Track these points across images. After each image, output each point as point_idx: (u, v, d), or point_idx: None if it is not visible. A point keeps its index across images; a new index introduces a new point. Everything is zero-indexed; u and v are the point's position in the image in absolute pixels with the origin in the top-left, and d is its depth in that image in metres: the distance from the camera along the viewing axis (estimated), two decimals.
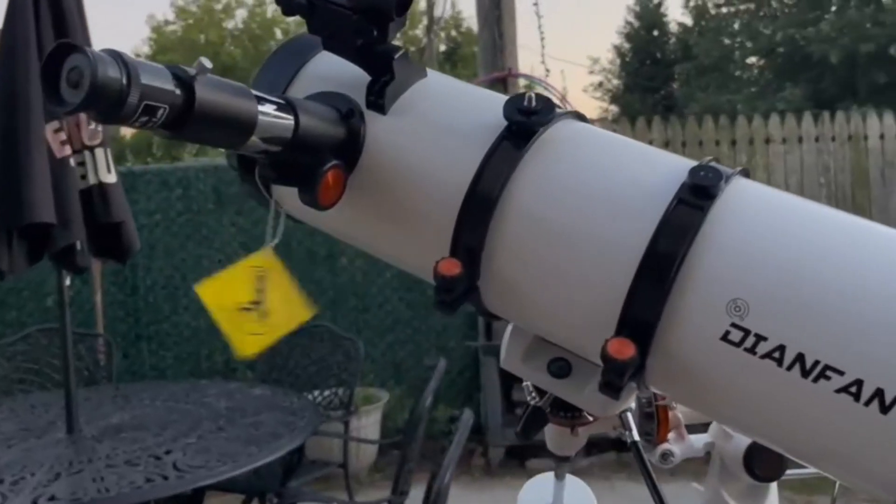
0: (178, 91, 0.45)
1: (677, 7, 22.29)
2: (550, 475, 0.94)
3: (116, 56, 0.44)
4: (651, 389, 0.61)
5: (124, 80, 0.43)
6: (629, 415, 0.77)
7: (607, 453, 4.37)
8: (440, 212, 0.58)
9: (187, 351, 5.07)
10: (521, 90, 5.71)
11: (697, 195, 0.54)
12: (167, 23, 23.00)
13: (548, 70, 5.42)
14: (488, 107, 0.60)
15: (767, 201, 0.58)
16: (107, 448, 2.67)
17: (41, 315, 4.79)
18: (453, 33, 21.00)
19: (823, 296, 0.51)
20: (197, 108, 0.46)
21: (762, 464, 0.84)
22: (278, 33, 23.20)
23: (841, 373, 0.48)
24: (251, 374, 4.61)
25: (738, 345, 0.51)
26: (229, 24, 22.93)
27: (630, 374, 0.55)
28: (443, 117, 0.62)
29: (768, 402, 0.52)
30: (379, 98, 0.60)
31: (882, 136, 5.15)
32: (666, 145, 5.12)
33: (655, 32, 20.97)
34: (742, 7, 17.20)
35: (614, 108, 22.09)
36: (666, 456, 0.88)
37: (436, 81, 0.65)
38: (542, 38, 5.23)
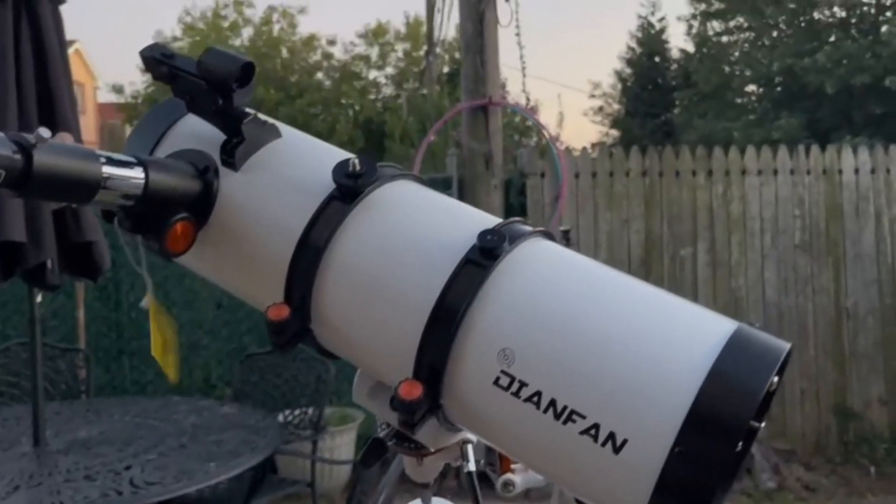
0: (17, 156, 0.53)
1: (679, 34, 22.49)
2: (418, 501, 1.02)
3: None
4: (456, 425, 0.70)
5: None
6: (470, 446, 0.85)
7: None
8: (277, 260, 0.67)
9: None
10: (503, 117, 5.81)
11: (484, 256, 0.63)
12: (175, 39, 23.25)
13: (528, 99, 5.50)
14: (331, 165, 0.68)
15: (547, 263, 0.67)
16: (69, 462, 2.74)
17: (24, 329, 4.86)
18: (456, 55, 21.22)
19: (573, 350, 0.59)
20: (35, 172, 0.54)
21: None
22: (284, 52, 23.45)
23: (583, 417, 0.56)
24: (228, 391, 4.68)
25: (506, 389, 0.60)
26: (236, 42, 23.17)
27: (422, 412, 0.64)
28: (287, 176, 0.70)
29: (534, 439, 0.60)
30: (230, 157, 0.69)
31: (856, 171, 5.22)
32: (643, 175, 5.21)
33: (657, 59, 21.11)
34: (742, 36, 17.33)
35: (614, 133, 22.22)
36: (507, 485, 0.96)
37: (289, 141, 0.74)
38: (524, 67, 5.33)
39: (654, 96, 20.45)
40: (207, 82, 0.67)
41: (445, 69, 18.10)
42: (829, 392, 5.13)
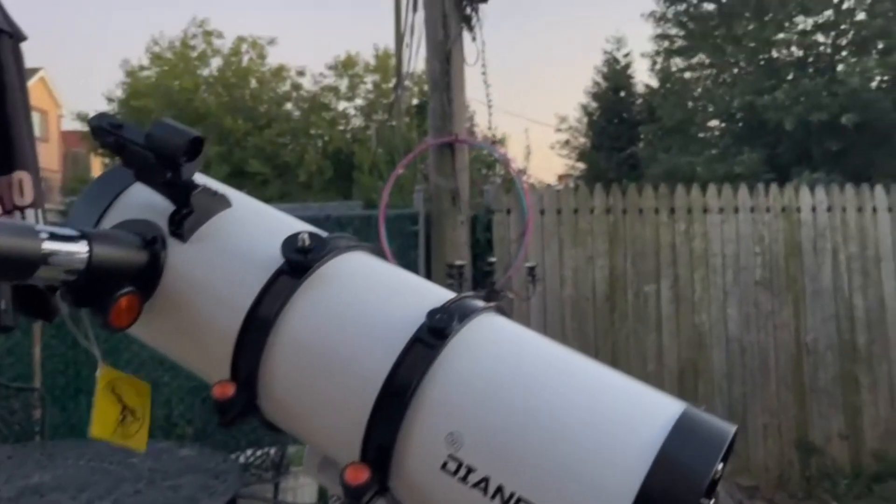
0: None
1: (644, 69, 23.07)
2: None
3: None
4: None
5: None
6: None
7: None
8: (223, 335, 0.65)
9: None
10: (470, 151, 5.86)
11: (433, 335, 0.62)
12: (142, 68, 23.12)
13: (494, 136, 5.55)
14: (281, 237, 0.68)
15: (497, 343, 0.66)
16: None
17: None
18: (426, 87, 21.43)
19: (521, 435, 0.59)
20: None
21: None
22: (253, 82, 23.44)
23: None
24: (189, 430, 4.58)
25: (453, 474, 0.59)
26: (204, 72, 23.11)
27: (369, 496, 0.62)
28: (235, 249, 0.69)
29: None
30: (178, 227, 0.68)
31: (814, 209, 5.36)
32: (607, 212, 5.28)
33: (622, 93, 21.53)
34: (704, 73, 17.77)
35: (581, 165, 22.54)
36: None
37: (240, 211, 0.73)
38: (490, 105, 5.39)
39: (620, 130, 20.82)
40: (155, 155, 0.66)
41: (415, 101, 18.25)
42: (790, 427, 5.19)
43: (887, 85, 13.67)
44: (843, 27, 15.22)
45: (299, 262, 0.66)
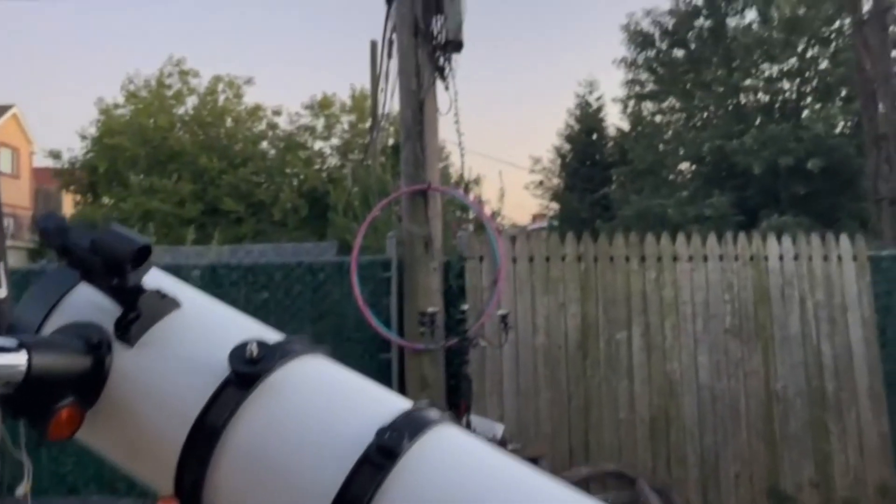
0: None
1: (616, 113, 23.52)
2: None
3: None
4: None
5: None
6: None
7: None
8: (169, 445, 0.63)
9: (90, 456, 4.88)
10: (443, 198, 5.89)
11: (382, 454, 0.61)
12: (117, 106, 23.05)
13: (467, 183, 5.59)
14: (231, 342, 0.66)
15: (448, 462, 0.65)
16: None
17: None
18: None
19: None
20: None
21: None
22: (228, 121, 23.47)
23: None
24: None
25: None
26: (180, 110, 23.11)
27: None
28: (183, 354, 0.68)
29: None
30: (125, 332, 0.66)
31: (781, 258, 5.44)
32: (579, 260, 5.32)
33: (594, 136, 21.90)
34: (674, 117, 18.16)
35: (554, 206, 22.77)
36: None
37: (190, 313, 0.71)
38: (463, 154, 5.44)
39: (592, 172, 21.12)
40: (102, 261, 0.65)
41: (391, 141, 18.40)
42: (762, 475, 5.19)
43: (850, 131, 14.06)
44: (807, 74, 15.69)
45: (247, 373, 0.65)
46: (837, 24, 14.49)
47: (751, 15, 16.10)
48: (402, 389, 5.18)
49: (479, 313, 5.15)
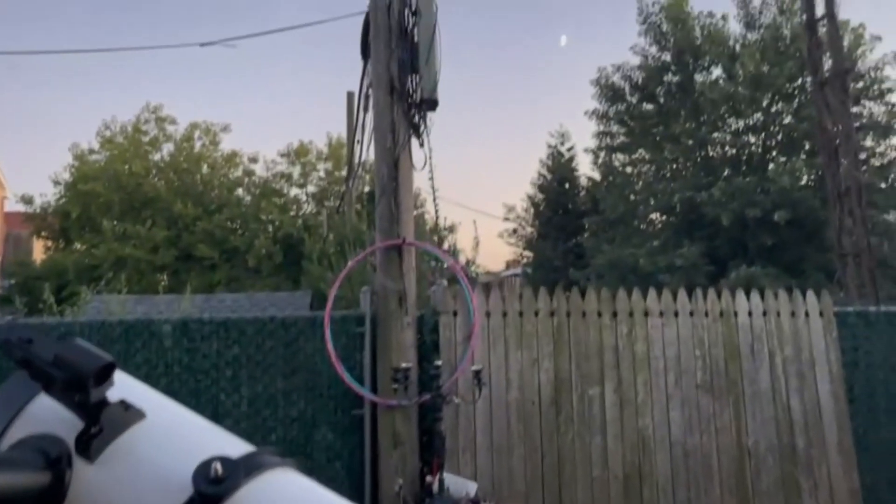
0: None
1: (587, 163, 23.99)
2: None
3: None
4: None
5: None
6: None
7: None
8: None
9: None
10: (418, 252, 5.92)
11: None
12: (91, 152, 22.97)
13: (441, 237, 5.63)
14: (197, 456, 0.67)
15: None
16: None
17: None
18: None
19: None
20: None
21: None
22: (204, 168, 23.46)
23: None
24: None
25: None
26: (156, 157, 23.08)
27: None
28: (145, 472, 0.67)
29: None
30: (86, 447, 0.65)
31: (750, 314, 5.53)
32: (551, 315, 5.36)
33: (567, 185, 22.23)
34: (645, 168, 18.52)
35: (528, 254, 22.94)
36: None
37: (154, 425, 0.71)
38: (437, 210, 5.50)
39: (565, 221, 21.37)
40: (64, 376, 0.65)
41: (366, 188, 18.49)
42: None
43: (815, 184, 14.43)
44: (772, 129, 16.16)
45: (210, 494, 0.65)
46: (800, 81, 14.99)
47: (717, 71, 16.62)
48: (375, 446, 5.13)
49: (452, 368, 5.15)
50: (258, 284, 21.15)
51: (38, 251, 24.75)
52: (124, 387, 0.71)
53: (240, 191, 23.56)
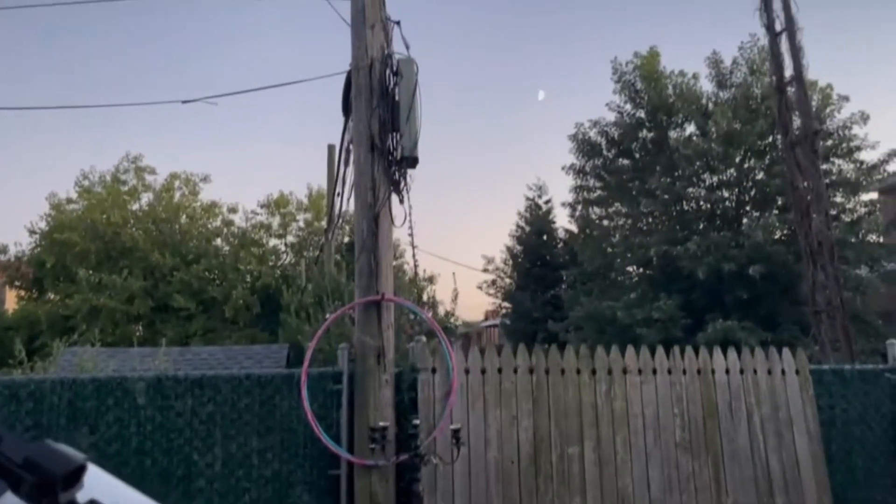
0: None
1: (565, 215, 24.27)
2: None
3: None
4: None
5: None
6: None
7: None
8: None
9: None
10: (397, 308, 5.91)
11: None
12: (69, 201, 22.81)
13: (422, 291, 5.64)
14: None
15: None
16: None
17: None
18: None
19: None
20: None
21: None
22: (183, 218, 23.37)
23: None
24: None
25: None
26: (134, 206, 22.96)
27: None
28: None
29: None
30: None
31: (727, 371, 5.56)
32: (530, 372, 5.35)
33: (545, 237, 22.42)
34: (621, 221, 18.74)
35: (507, 305, 22.95)
36: None
37: None
38: (416, 264, 5.51)
39: (543, 272, 21.48)
40: (34, 479, 0.65)
41: (346, 238, 18.50)
42: None
43: (788, 238, 14.68)
44: (745, 184, 16.48)
45: None
46: (770, 138, 15.38)
47: (690, 128, 17.00)
48: None
49: (430, 427, 5.09)
50: (235, 335, 20.89)
51: (11, 301, 24.34)
52: (96, 484, 0.71)
53: (218, 241, 23.45)
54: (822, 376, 5.71)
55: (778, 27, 9.65)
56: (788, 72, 9.63)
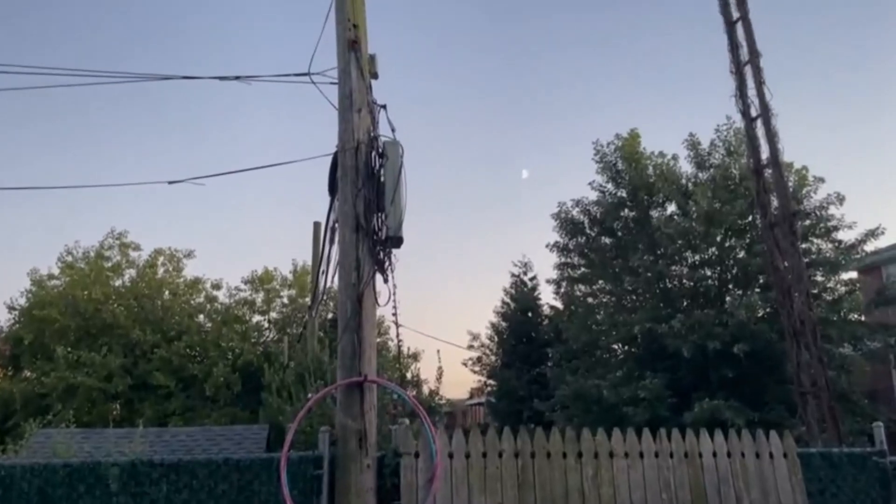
0: None
1: (550, 292, 24.35)
2: None
3: None
4: None
5: None
6: None
7: None
8: None
9: None
10: (378, 392, 5.82)
11: None
12: (51, 277, 22.62)
13: (404, 374, 5.59)
14: None
15: None
16: None
17: None
18: None
19: None
20: None
21: None
22: (166, 294, 23.20)
23: None
24: None
25: None
26: (117, 282, 22.80)
27: None
28: None
29: None
30: None
31: (715, 454, 5.48)
32: (516, 456, 5.25)
33: (530, 314, 22.40)
34: (605, 299, 18.79)
35: (492, 382, 22.71)
36: None
37: None
38: (400, 344, 5.48)
39: (529, 349, 21.36)
40: None
41: (330, 314, 18.38)
42: None
43: (770, 317, 14.74)
44: (727, 263, 16.65)
45: None
46: (750, 217, 15.63)
47: (671, 207, 17.30)
48: None
49: None
50: (215, 414, 20.42)
51: None
52: None
53: (201, 317, 23.22)
54: (810, 460, 5.64)
55: (753, 113, 9.99)
56: (765, 155, 9.91)
